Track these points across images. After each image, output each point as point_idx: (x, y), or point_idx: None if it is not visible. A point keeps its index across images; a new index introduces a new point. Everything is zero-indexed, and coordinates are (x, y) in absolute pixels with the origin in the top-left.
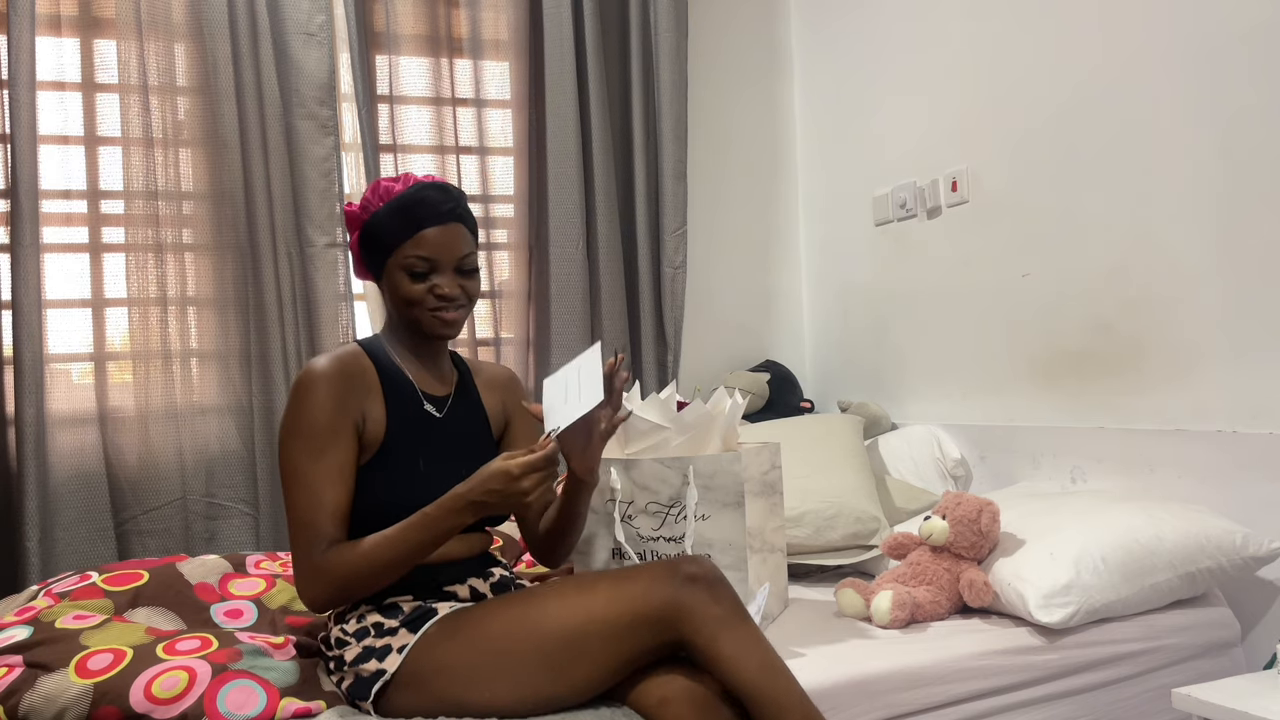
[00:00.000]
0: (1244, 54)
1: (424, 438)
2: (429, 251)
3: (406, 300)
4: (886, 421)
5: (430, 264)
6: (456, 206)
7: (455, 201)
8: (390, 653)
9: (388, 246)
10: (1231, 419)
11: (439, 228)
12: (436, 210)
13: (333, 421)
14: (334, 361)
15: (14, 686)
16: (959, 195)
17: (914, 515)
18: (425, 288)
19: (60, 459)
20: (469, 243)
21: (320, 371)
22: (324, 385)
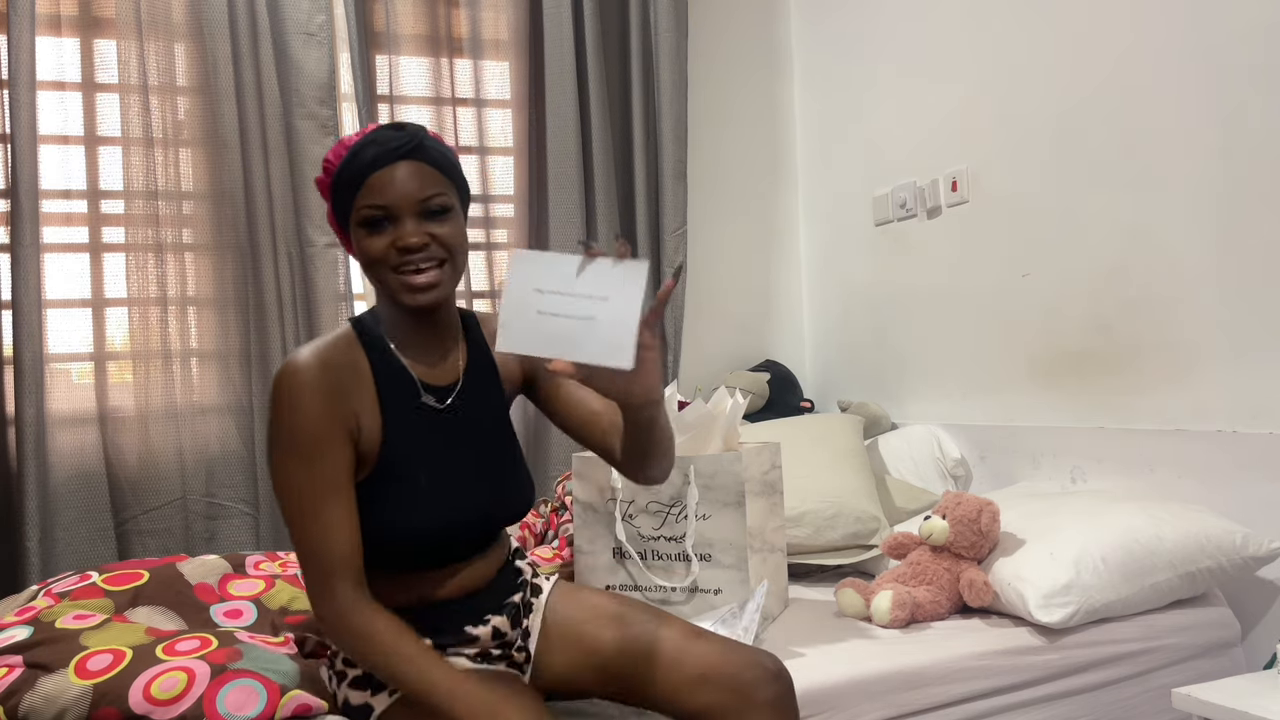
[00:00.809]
0: (1244, 54)
1: (426, 440)
2: (382, 196)
3: (369, 260)
4: (886, 421)
5: (385, 210)
6: (411, 141)
7: (411, 137)
8: (382, 691)
9: (345, 205)
10: (1231, 419)
11: (390, 167)
12: (385, 148)
13: (326, 429)
14: (317, 358)
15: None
16: (959, 195)
17: (914, 515)
18: (386, 241)
19: (60, 459)
20: (434, 181)
21: (304, 373)
22: (308, 388)
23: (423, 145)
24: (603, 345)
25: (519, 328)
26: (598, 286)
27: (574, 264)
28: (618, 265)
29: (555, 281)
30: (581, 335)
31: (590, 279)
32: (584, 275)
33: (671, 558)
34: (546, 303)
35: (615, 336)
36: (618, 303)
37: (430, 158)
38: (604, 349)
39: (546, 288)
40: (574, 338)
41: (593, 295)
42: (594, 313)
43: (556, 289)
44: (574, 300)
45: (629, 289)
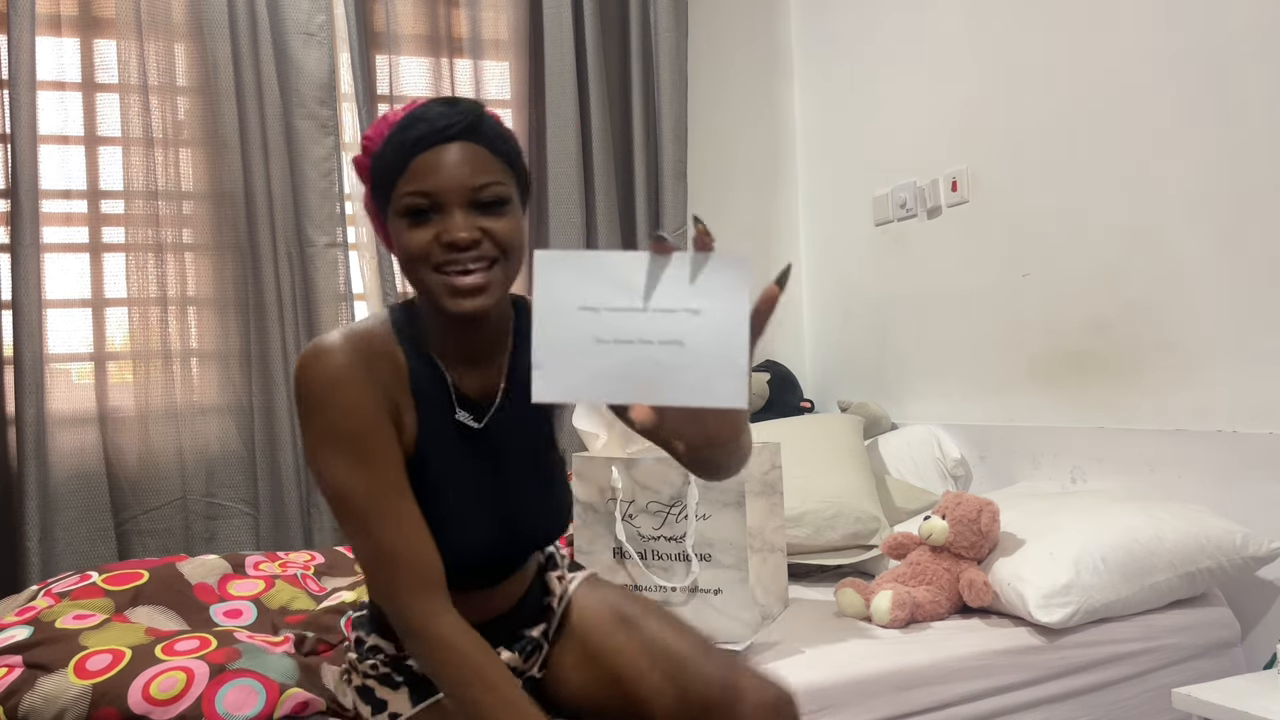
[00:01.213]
0: (1244, 54)
1: (458, 456)
2: (427, 182)
3: (408, 256)
4: (886, 421)
5: (430, 199)
6: (465, 119)
7: (465, 114)
8: (384, 709)
9: (386, 189)
10: (1232, 419)
11: (439, 149)
12: (434, 126)
13: (373, 418)
14: (350, 342)
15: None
16: (959, 195)
17: (914, 515)
18: (430, 235)
19: (60, 459)
20: (489, 167)
21: (337, 356)
22: (345, 374)
23: (479, 124)
24: (700, 380)
25: (565, 368)
26: (681, 296)
27: (638, 266)
28: (709, 265)
29: (611, 294)
30: (666, 368)
31: (670, 287)
32: (658, 281)
33: (671, 558)
34: (604, 325)
35: (718, 366)
36: (715, 318)
37: (487, 139)
38: (703, 385)
39: (600, 303)
40: (654, 373)
41: (674, 309)
42: (681, 334)
43: (616, 304)
44: (646, 319)
45: (730, 297)
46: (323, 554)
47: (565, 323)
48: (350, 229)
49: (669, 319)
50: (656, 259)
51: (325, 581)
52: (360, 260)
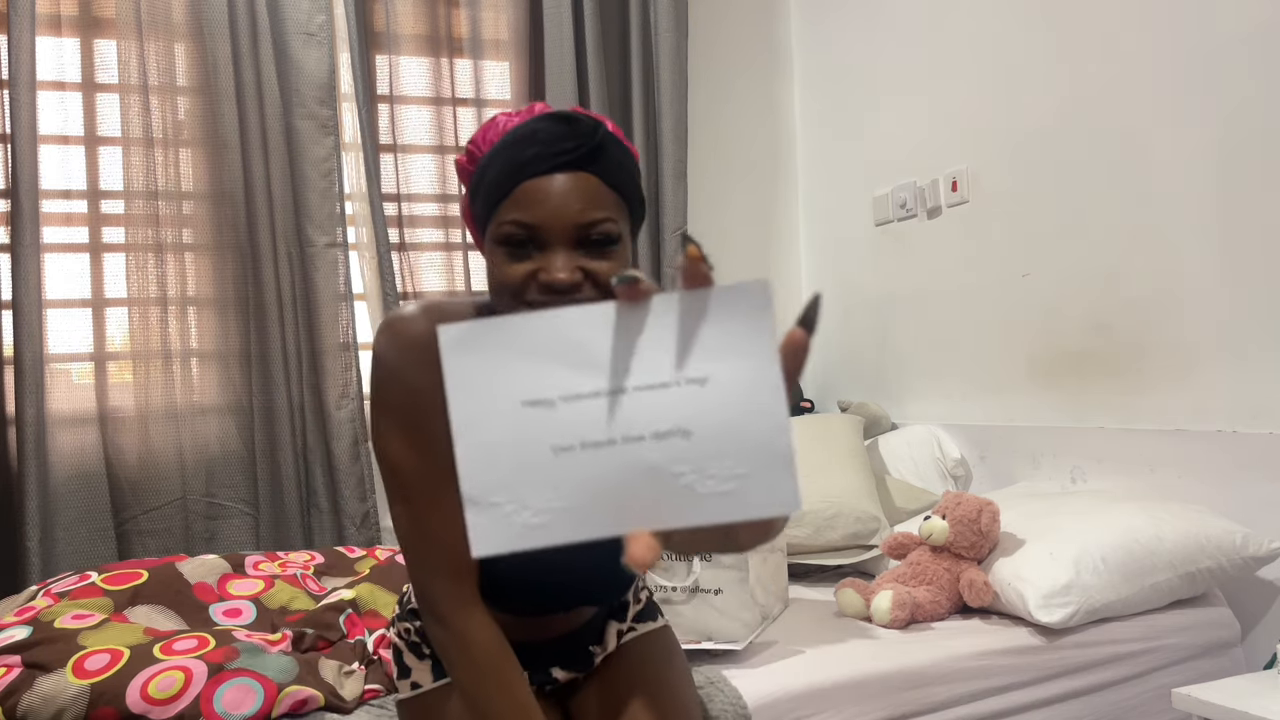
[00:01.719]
0: (1243, 54)
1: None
2: (531, 214)
3: (500, 286)
4: (886, 421)
5: (532, 232)
6: (584, 146)
7: (583, 139)
8: (409, 675)
9: (487, 208)
10: (1231, 419)
11: (549, 178)
12: (548, 149)
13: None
14: (426, 314)
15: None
16: (959, 195)
17: (914, 515)
18: (527, 270)
19: (60, 459)
20: (603, 202)
21: (410, 324)
22: (415, 355)
23: (599, 153)
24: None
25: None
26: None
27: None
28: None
29: (566, 374)
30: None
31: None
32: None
33: (672, 557)
34: (562, 425)
35: (749, 458)
36: (734, 387)
37: (606, 170)
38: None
39: (552, 391)
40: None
41: (668, 381)
42: (683, 419)
43: (576, 388)
44: (628, 404)
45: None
46: (322, 554)
47: (502, 431)
48: (350, 229)
49: (662, 399)
50: (629, 312)
51: (325, 581)
52: (360, 260)
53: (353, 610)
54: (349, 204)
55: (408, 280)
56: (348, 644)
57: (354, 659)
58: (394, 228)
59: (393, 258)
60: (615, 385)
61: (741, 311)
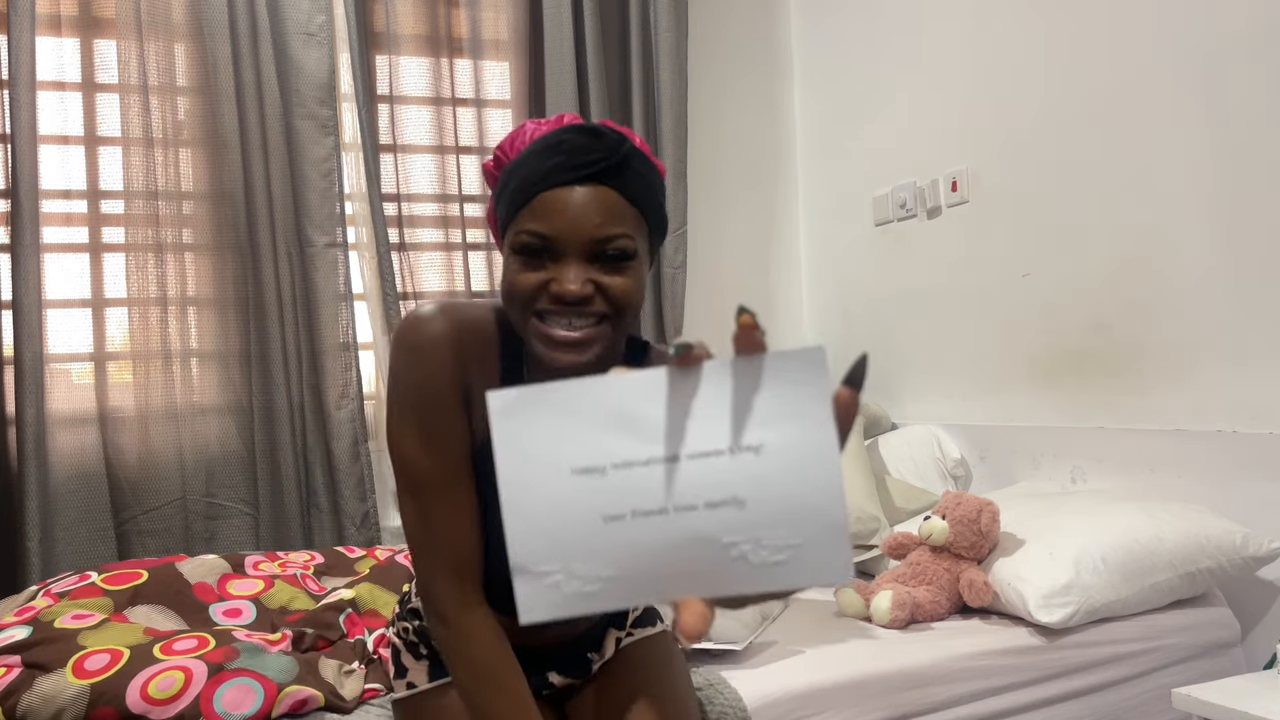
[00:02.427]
0: (1244, 54)
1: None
2: (547, 224)
3: (510, 294)
4: (886, 421)
5: (547, 242)
6: (606, 160)
7: (609, 153)
8: (405, 675)
9: (508, 215)
10: (1231, 419)
11: (569, 189)
12: (571, 160)
13: (446, 394)
14: (446, 314)
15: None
16: (959, 195)
17: (914, 515)
18: (538, 280)
19: (60, 459)
20: (621, 217)
21: (428, 325)
22: (432, 354)
23: (622, 167)
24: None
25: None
26: (730, 428)
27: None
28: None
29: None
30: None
31: (711, 417)
32: (690, 411)
33: None
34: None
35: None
36: (788, 455)
37: (627, 184)
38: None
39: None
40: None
41: (722, 449)
42: (738, 488)
43: (627, 455)
44: (681, 473)
45: (805, 419)
46: (322, 554)
47: (552, 498)
48: (350, 229)
49: (716, 467)
50: (681, 378)
51: (325, 581)
52: (360, 260)
53: (352, 610)
54: (349, 204)
55: (408, 280)
56: (347, 644)
57: (354, 658)
58: (394, 228)
59: (393, 258)
60: (669, 453)
61: (796, 378)
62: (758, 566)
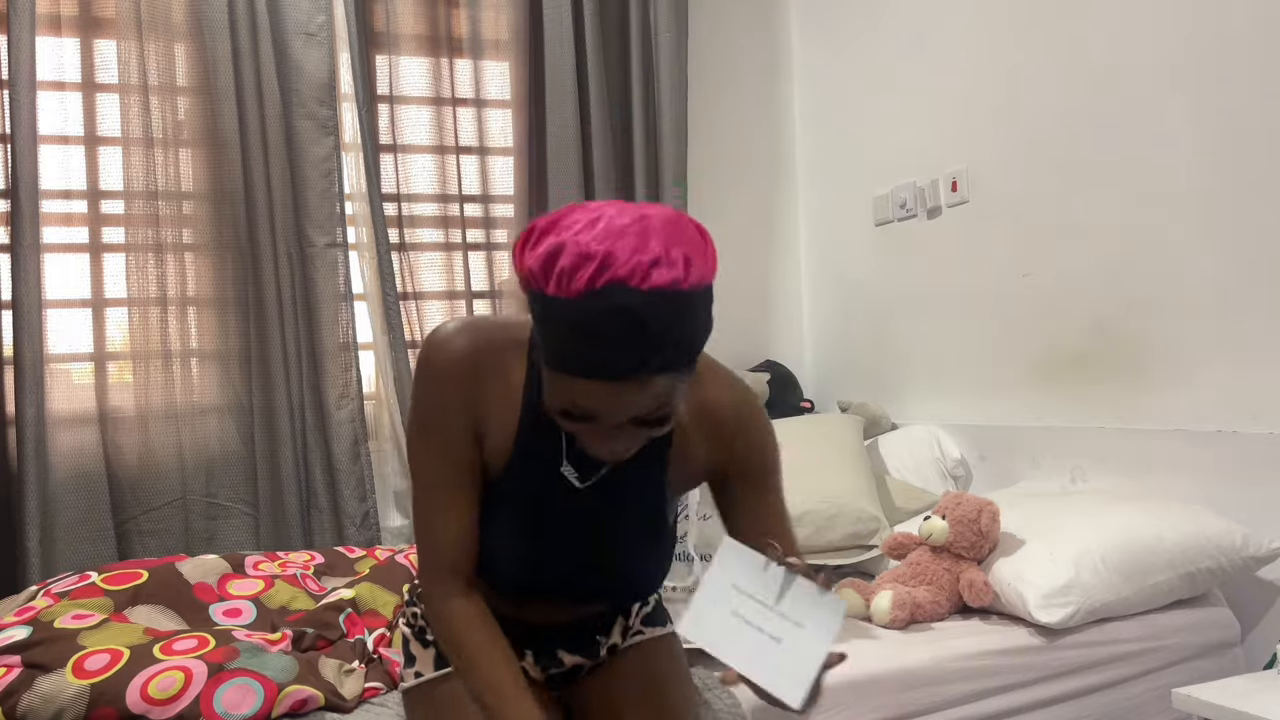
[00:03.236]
0: (1244, 54)
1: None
2: (589, 405)
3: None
4: (886, 421)
5: (589, 414)
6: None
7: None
8: (413, 664)
9: (544, 353)
10: (1231, 419)
11: (615, 384)
12: (613, 360)
13: (452, 414)
14: (468, 336)
15: (12, 687)
16: (959, 195)
17: (914, 515)
18: (587, 430)
19: (60, 459)
20: (665, 397)
21: (445, 347)
22: (443, 366)
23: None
24: (781, 676)
25: (711, 621)
26: (796, 611)
27: (777, 576)
28: (820, 596)
29: (755, 587)
30: (765, 655)
31: (791, 600)
32: (785, 593)
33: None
34: (743, 606)
35: (796, 671)
36: (809, 637)
37: (674, 367)
38: (781, 680)
39: (746, 590)
40: (757, 655)
41: (788, 618)
42: (784, 636)
43: (755, 595)
44: (769, 615)
45: (825, 627)
46: (322, 554)
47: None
48: (350, 229)
49: (780, 621)
50: (789, 576)
51: (325, 581)
52: (360, 260)
53: (352, 610)
54: (349, 204)
55: (407, 280)
56: (347, 643)
57: (354, 658)
58: (394, 228)
59: (392, 258)
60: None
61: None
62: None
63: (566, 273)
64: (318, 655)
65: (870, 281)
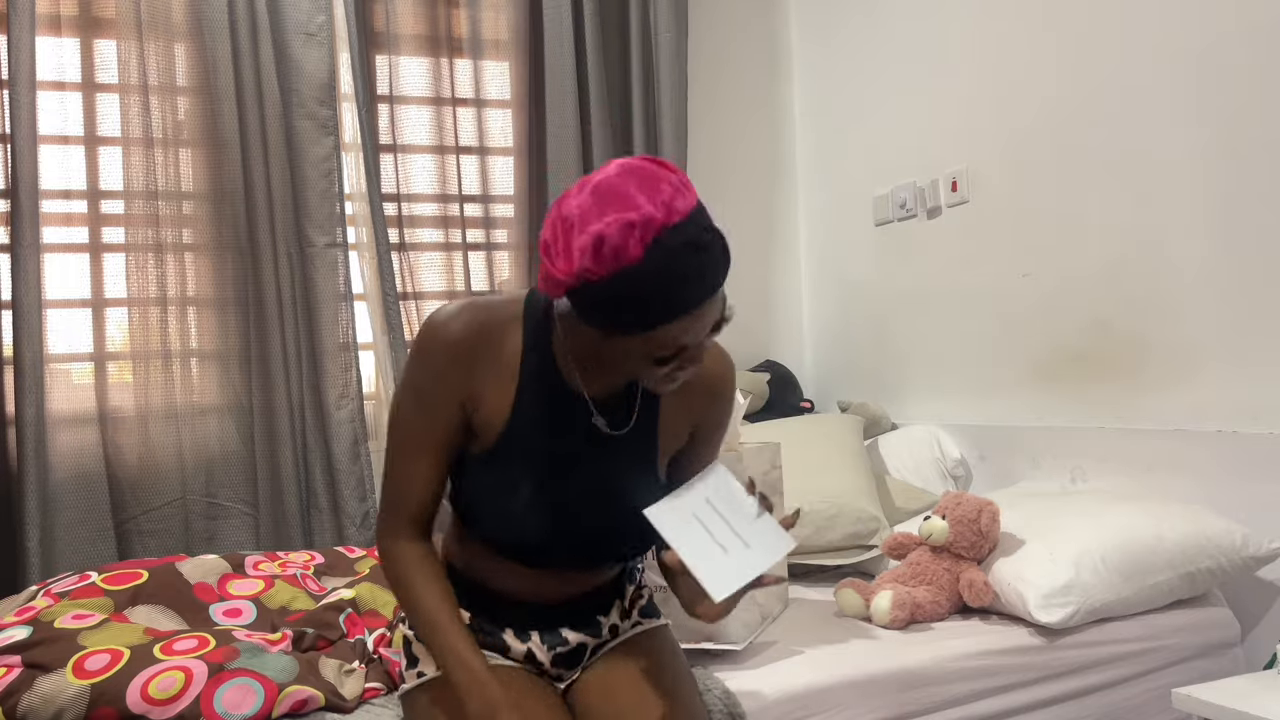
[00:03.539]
0: (1244, 54)
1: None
2: (682, 336)
3: (628, 373)
4: (886, 421)
5: (681, 348)
6: (720, 273)
7: (722, 268)
8: (416, 665)
9: (622, 329)
10: (1231, 419)
11: (700, 308)
12: (704, 288)
13: (441, 390)
14: (464, 319)
15: (12, 687)
16: (959, 195)
17: (914, 515)
18: (666, 370)
19: (60, 459)
20: (721, 304)
21: (442, 329)
22: (439, 345)
23: (726, 269)
24: (715, 574)
25: (676, 517)
26: (749, 533)
27: (748, 505)
28: (776, 531)
29: (725, 507)
30: (709, 555)
31: (749, 525)
32: (751, 521)
33: None
34: (708, 516)
35: (728, 576)
36: (753, 555)
37: (727, 267)
38: (713, 577)
39: (716, 506)
40: (701, 552)
41: (740, 536)
42: (730, 548)
43: (721, 512)
44: (725, 529)
45: (770, 552)
46: (322, 554)
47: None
48: (350, 229)
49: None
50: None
51: (325, 581)
52: (360, 260)
53: (352, 610)
54: (349, 204)
55: (407, 280)
56: (348, 643)
57: (354, 658)
58: (394, 228)
59: (392, 258)
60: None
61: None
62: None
63: (618, 249)
64: (318, 655)
65: (870, 281)
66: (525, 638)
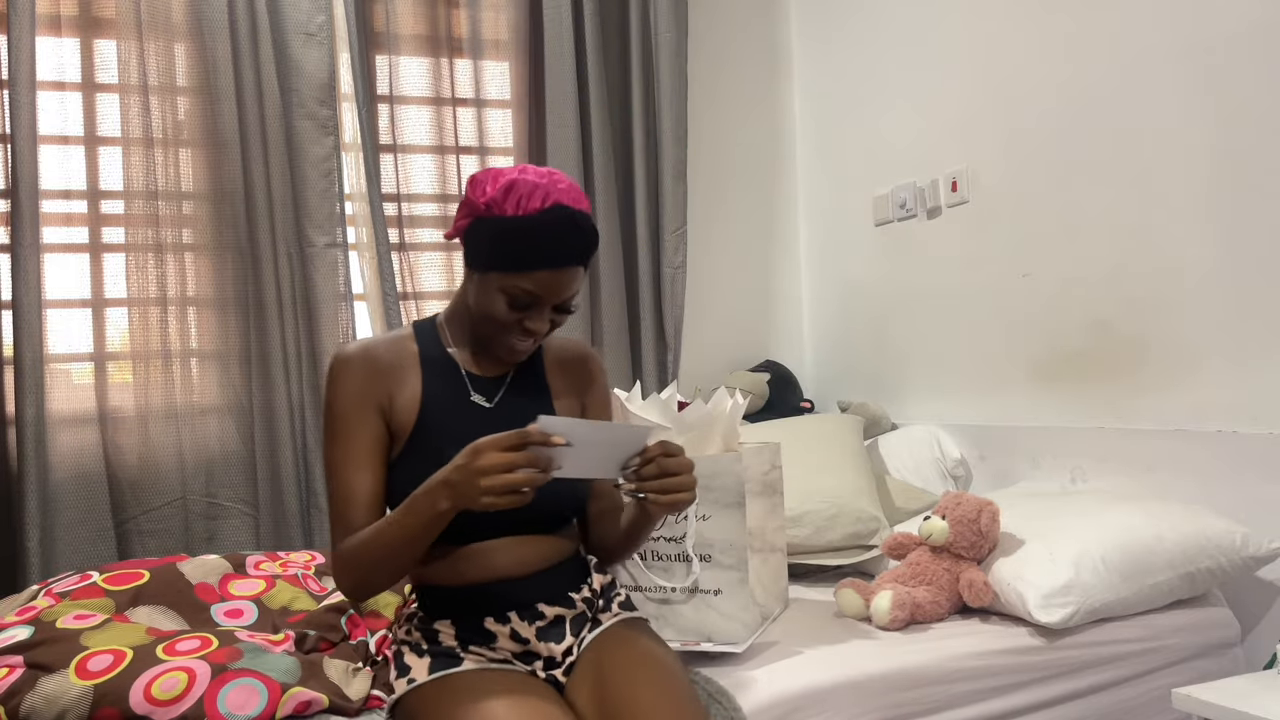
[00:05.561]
0: (1244, 54)
1: (462, 428)
2: (538, 289)
3: (489, 317)
4: (886, 421)
5: (534, 299)
6: (587, 253)
7: (587, 242)
8: (408, 674)
9: (502, 264)
10: (1231, 419)
11: (559, 269)
12: (566, 254)
13: (354, 407)
14: (362, 345)
15: (15, 687)
16: (959, 195)
17: (914, 515)
18: (517, 317)
19: (60, 459)
20: (579, 280)
21: (344, 356)
22: (345, 370)
23: (593, 246)
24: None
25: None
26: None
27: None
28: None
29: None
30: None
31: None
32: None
33: (671, 558)
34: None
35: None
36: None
37: (588, 262)
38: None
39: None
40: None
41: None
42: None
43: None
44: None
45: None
46: (323, 554)
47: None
48: (350, 229)
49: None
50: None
51: (326, 581)
52: (360, 260)
53: (354, 610)
54: (349, 204)
55: (407, 280)
56: (350, 645)
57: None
58: (394, 228)
59: (392, 258)
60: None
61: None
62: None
63: (525, 197)
64: (320, 657)
65: (870, 281)
66: (504, 619)
